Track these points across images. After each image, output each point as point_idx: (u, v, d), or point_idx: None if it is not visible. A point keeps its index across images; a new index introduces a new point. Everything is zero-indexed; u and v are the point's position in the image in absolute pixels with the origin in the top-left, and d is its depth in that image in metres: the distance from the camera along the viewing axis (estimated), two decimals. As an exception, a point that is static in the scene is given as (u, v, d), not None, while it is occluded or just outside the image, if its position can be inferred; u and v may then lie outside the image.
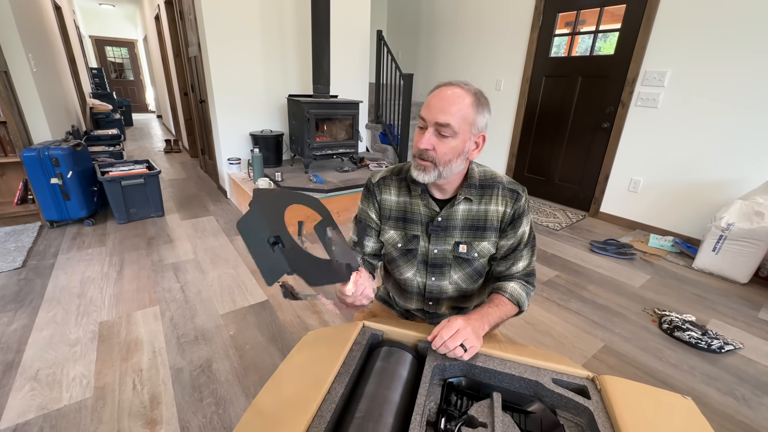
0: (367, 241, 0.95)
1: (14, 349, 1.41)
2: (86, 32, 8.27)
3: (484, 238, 0.87)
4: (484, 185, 0.86)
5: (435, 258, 0.90)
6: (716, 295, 2.01)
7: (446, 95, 0.75)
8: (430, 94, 0.78)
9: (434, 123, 0.75)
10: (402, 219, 0.91)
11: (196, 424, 1.13)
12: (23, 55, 2.43)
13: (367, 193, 0.94)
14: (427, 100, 0.78)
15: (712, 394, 1.35)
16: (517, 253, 0.88)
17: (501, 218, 0.86)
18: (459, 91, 0.75)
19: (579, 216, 3.13)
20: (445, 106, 0.74)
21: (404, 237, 0.91)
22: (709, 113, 2.41)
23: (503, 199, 0.85)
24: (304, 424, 0.58)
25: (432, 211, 0.87)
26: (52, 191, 2.38)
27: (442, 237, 0.88)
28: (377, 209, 0.93)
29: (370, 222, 0.94)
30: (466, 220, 0.87)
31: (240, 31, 2.84)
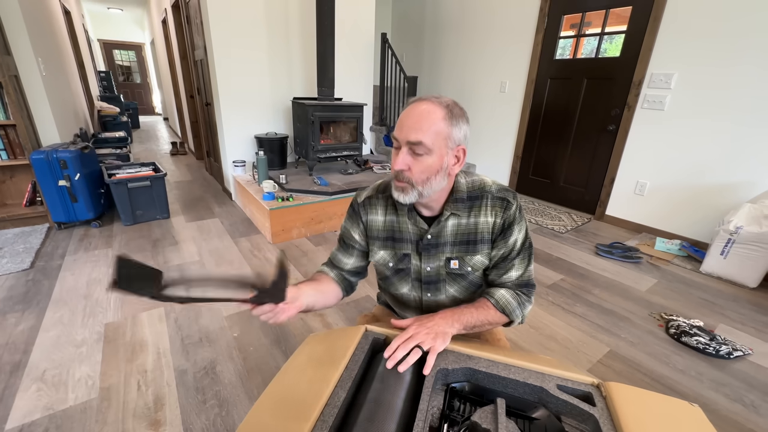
0: (344, 257, 0.93)
1: (21, 350, 1.42)
2: (95, 36, 8.38)
3: (477, 252, 0.84)
4: (472, 197, 0.82)
5: (429, 275, 0.87)
6: (724, 299, 1.98)
7: (417, 112, 0.72)
8: (402, 112, 0.76)
9: (406, 142, 0.72)
10: (391, 238, 0.88)
11: (200, 426, 1.14)
12: (33, 60, 2.47)
13: (353, 212, 0.91)
14: (399, 119, 0.75)
15: (721, 400, 1.33)
16: (508, 262, 0.84)
17: (492, 229, 0.83)
18: (429, 106, 0.72)
19: (584, 219, 3.10)
20: (416, 124, 0.71)
21: (394, 256, 0.89)
22: (717, 115, 2.38)
23: (492, 210, 0.82)
24: (307, 428, 0.58)
25: (421, 230, 0.84)
26: (60, 193, 2.41)
27: (434, 254, 0.85)
28: (362, 230, 0.90)
29: (353, 242, 0.91)
30: (456, 235, 0.84)
31: (246, 34, 2.86)
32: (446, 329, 0.75)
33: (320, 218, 2.65)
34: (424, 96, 0.75)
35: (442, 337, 0.73)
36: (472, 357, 0.74)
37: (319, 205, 2.61)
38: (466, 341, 0.80)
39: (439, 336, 0.72)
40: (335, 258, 0.95)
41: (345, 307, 1.80)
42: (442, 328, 0.75)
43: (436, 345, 0.71)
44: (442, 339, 0.72)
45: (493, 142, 3.83)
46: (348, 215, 0.92)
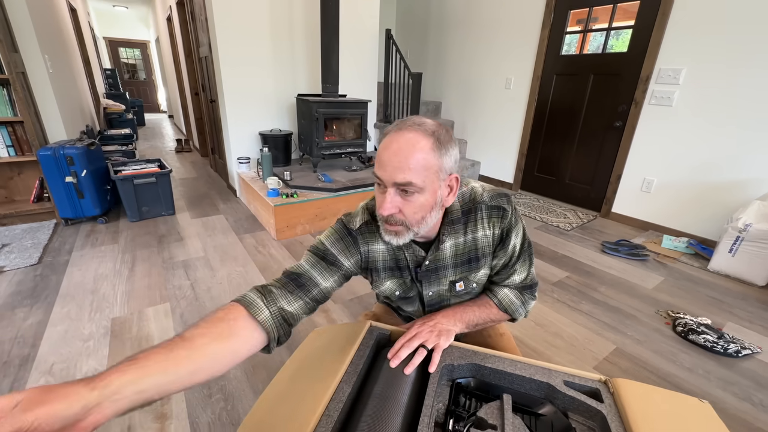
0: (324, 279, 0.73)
1: (30, 344, 1.44)
2: (100, 34, 8.43)
3: (480, 267, 0.80)
4: (466, 211, 0.76)
5: (431, 299, 0.84)
6: (733, 297, 1.96)
7: (400, 147, 0.61)
8: (382, 144, 0.65)
9: (392, 183, 0.63)
10: (396, 267, 0.81)
11: (205, 420, 1.15)
12: (40, 57, 2.48)
13: (347, 237, 0.77)
14: (378, 153, 0.64)
15: (729, 399, 1.32)
16: (510, 269, 0.81)
17: (492, 241, 0.78)
18: (413, 135, 0.62)
19: (590, 216, 3.08)
20: (402, 162, 0.61)
21: (402, 285, 0.82)
22: (726, 111, 2.35)
23: (489, 221, 0.76)
24: (313, 422, 0.58)
25: (417, 256, 0.78)
26: (67, 189, 2.43)
27: (434, 279, 0.80)
28: (358, 260, 0.78)
29: (339, 265, 0.75)
30: (457, 256, 0.78)
31: (250, 31, 2.86)
32: (449, 327, 0.74)
33: (324, 215, 2.65)
34: (405, 123, 0.64)
35: (446, 334, 0.72)
36: (477, 353, 0.74)
37: (323, 202, 2.61)
38: (471, 337, 0.79)
39: (443, 334, 0.71)
40: (305, 274, 0.72)
41: (349, 303, 1.80)
42: (445, 325, 0.74)
43: (441, 342, 0.70)
44: (446, 336, 0.71)
45: (498, 139, 3.81)
46: (338, 237, 0.76)
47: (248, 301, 0.64)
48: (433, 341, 0.69)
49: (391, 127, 0.65)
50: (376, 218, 0.75)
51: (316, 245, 0.77)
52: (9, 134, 2.40)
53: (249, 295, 0.66)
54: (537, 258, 2.27)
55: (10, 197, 2.66)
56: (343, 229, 0.77)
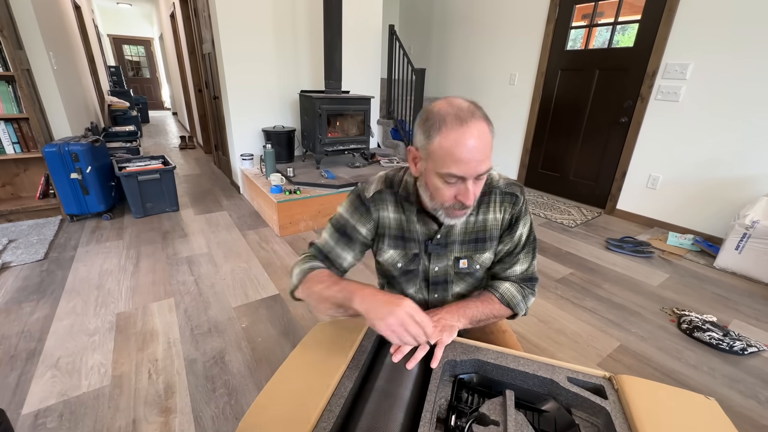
0: (345, 252, 0.82)
1: (36, 338, 1.46)
2: (104, 31, 8.45)
3: (485, 249, 0.82)
4: (481, 194, 0.78)
5: (436, 275, 0.85)
6: (739, 295, 1.94)
7: (476, 141, 0.62)
8: (446, 140, 0.63)
9: (476, 176, 0.65)
10: (401, 237, 0.83)
11: (209, 414, 1.15)
12: (45, 54, 2.49)
13: (361, 207, 0.81)
14: (450, 151, 0.62)
15: (734, 396, 1.31)
16: (513, 257, 0.83)
17: (500, 225, 0.81)
18: (481, 126, 0.63)
19: (594, 213, 3.06)
20: (481, 154, 0.63)
21: (405, 256, 0.84)
22: (734, 107, 2.32)
23: (501, 206, 0.79)
24: (314, 417, 0.58)
25: (430, 230, 0.80)
26: (72, 186, 2.45)
27: (443, 254, 0.82)
28: (373, 226, 0.82)
29: (358, 235, 0.82)
30: (466, 234, 0.81)
31: (253, 27, 2.86)
32: (452, 323, 0.74)
33: (327, 211, 2.65)
34: (463, 112, 0.63)
35: (449, 330, 0.72)
36: (480, 348, 0.74)
37: (326, 198, 2.61)
38: (472, 334, 0.79)
39: (446, 329, 0.71)
40: (332, 252, 0.82)
41: (352, 299, 1.80)
42: (448, 321, 0.74)
43: (444, 338, 0.69)
44: (449, 332, 0.71)
45: (501, 135, 3.78)
46: (353, 208, 0.82)
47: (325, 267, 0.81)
48: (435, 336, 0.69)
49: (442, 121, 0.63)
50: (389, 188, 0.81)
51: (337, 218, 0.83)
52: (15, 131, 2.42)
53: (319, 264, 0.81)
54: (540, 254, 2.26)
55: (16, 194, 2.68)
56: (357, 199, 0.82)
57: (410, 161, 0.73)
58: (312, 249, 0.84)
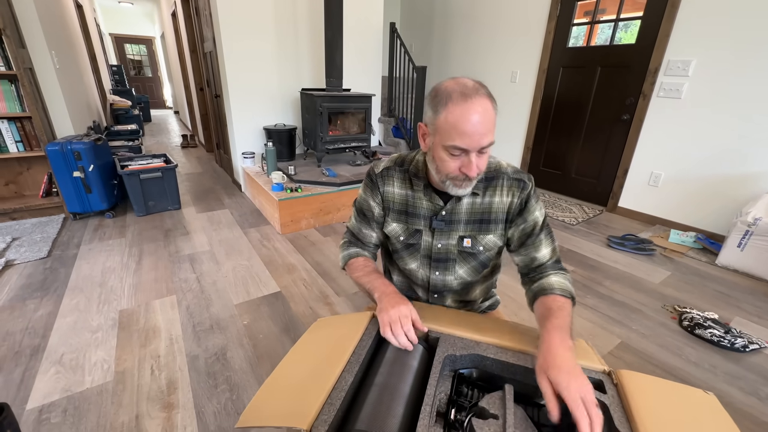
0: (368, 230, 0.94)
1: (40, 334, 1.47)
2: (106, 30, 8.47)
3: (490, 231, 0.85)
4: (489, 177, 0.83)
5: (439, 253, 0.87)
6: (741, 292, 1.93)
7: (479, 116, 0.66)
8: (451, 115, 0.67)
9: (479, 149, 0.69)
10: (404, 212, 0.88)
11: (211, 410, 1.16)
12: (47, 53, 2.50)
13: (370, 182, 0.91)
14: (454, 124, 0.67)
15: (735, 393, 1.31)
16: (535, 238, 0.83)
17: (507, 210, 0.83)
18: (483, 103, 0.67)
19: (596, 211, 3.05)
20: (485, 127, 0.67)
21: (406, 230, 0.89)
22: (737, 103, 2.30)
23: (509, 190, 0.82)
24: (315, 410, 0.59)
25: (436, 206, 0.84)
26: (75, 184, 2.46)
27: (446, 232, 0.85)
28: (380, 200, 0.90)
29: (372, 212, 0.91)
30: (471, 214, 0.84)
31: (254, 25, 2.86)
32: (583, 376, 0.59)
33: (329, 209, 2.65)
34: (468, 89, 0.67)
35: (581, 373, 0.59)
36: (480, 343, 0.74)
37: (327, 196, 2.61)
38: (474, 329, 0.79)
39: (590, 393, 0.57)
40: (360, 233, 0.94)
41: (353, 297, 1.81)
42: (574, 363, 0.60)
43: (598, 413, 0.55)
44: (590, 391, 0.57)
45: (503, 133, 3.78)
46: (365, 185, 0.92)
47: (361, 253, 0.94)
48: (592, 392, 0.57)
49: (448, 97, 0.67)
50: (399, 166, 0.88)
51: (358, 200, 0.95)
52: (18, 129, 2.43)
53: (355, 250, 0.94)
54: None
55: (19, 192, 2.70)
56: (368, 177, 0.91)
57: (420, 137, 0.78)
58: (346, 234, 0.98)
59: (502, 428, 0.56)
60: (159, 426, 1.11)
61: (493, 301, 1.06)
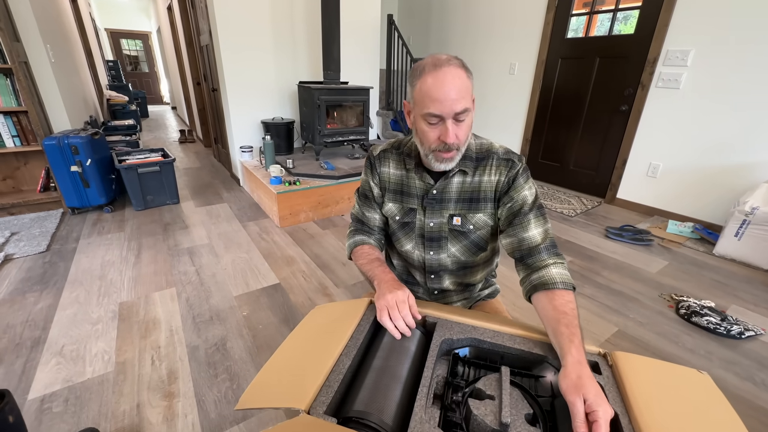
0: (370, 212, 0.97)
1: (41, 327, 1.48)
2: (102, 25, 8.39)
3: (479, 210, 0.86)
4: (479, 157, 0.85)
5: (431, 231, 0.89)
6: (737, 281, 1.94)
7: (450, 81, 0.69)
8: (424, 83, 0.71)
9: (453, 114, 0.71)
10: (399, 192, 0.92)
11: (212, 398, 1.17)
12: (42, 46, 2.48)
13: (369, 164, 0.95)
14: (427, 92, 0.71)
15: (731, 378, 1.32)
16: (522, 217, 0.80)
17: (495, 188, 0.84)
18: (454, 70, 0.70)
19: (594, 202, 3.06)
20: (457, 93, 0.70)
21: (401, 210, 0.92)
22: (735, 94, 2.30)
23: (497, 170, 0.83)
24: (313, 392, 0.59)
25: (427, 185, 0.87)
26: (73, 179, 2.46)
27: (438, 210, 0.88)
28: (377, 181, 0.94)
29: (373, 193, 0.95)
30: (461, 193, 0.86)
31: (250, 17, 2.83)
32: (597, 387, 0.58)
33: (327, 202, 2.65)
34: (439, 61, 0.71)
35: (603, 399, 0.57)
36: (476, 328, 0.75)
37: (326, 189, 2.61)
38: (471, 314, 0.80)
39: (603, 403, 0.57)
40: (364, 217, 0.97)
41: (352, 288, 1.81)
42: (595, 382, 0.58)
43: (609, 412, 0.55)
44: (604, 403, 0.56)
45: (501, 125, 3.77)
46: (365, 167, 0.97)
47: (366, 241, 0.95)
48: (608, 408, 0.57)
49: (422, 69, 0.72)
50: (395, 149, 0.92)
51: (361, 184, 0.98)
52: (14, 124, 2.42)
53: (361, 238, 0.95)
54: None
55: (17, 187, 2.69)
56: (367, 159, 0.96)
57: (406, 116, 0.82)
58: (352, 223, 1.00)
59: (498, 408, 0.57)
60: (160, 414, 1.12)
61: (492, 290, 1.06)
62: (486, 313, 0.92)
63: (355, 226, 0.99)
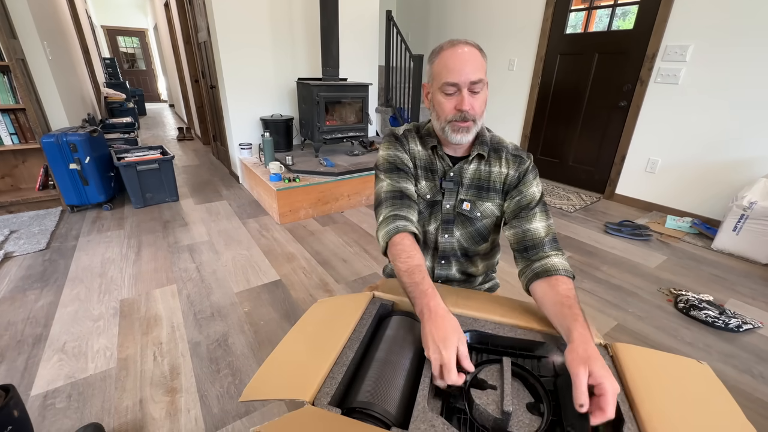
0: (407, 183, 0.86)
1: (42, 324, 1.48)
2: (98, 22, 8.33)
3: (488, 199, 0.88)
4: (493, 149, 0.88)
5: (447, 213, 0.91)
6: (736, 275, 1.96)
7: (464, 54, 0.77)
8: (442, 58, 0.79)
9: (468, 83, 0.77)
10: (430, 170, 0.91)
11: (214, 393, 1.18)
12: (39, 43, 2.47)
13: (396, 141, 0.90)
14: (445, 64, 0.78)
15: (729, 371, 1.33)
16: (529, 211, 0.83)
17: (504, 180, 0.87)
18: (469, 47, 0.78)
19: (593, 198, 3.06)
20: (472, 63, 0.76)
21: (434, 188, 0.90)
22: (733, 89, 2.30)
23: (507, 163, 0.87)
24: (317, 383, 0.60)
25: (446, 166, 0.89)
26: (72, 176, 2.45)
27: (453, 192, 0.90)
28: (410, 157, 0.90)
29: (408, 168, 0.87)
30: (473, 179, 0.89)
31: (249, 13, 2.82)
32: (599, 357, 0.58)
33: (327, 199, 2.65)
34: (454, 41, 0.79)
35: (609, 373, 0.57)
36: (478, 320, 0.75)
37: (325, 186, 2.61)
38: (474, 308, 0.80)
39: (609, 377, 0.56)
40: (403, 188, 0.85)
41: (353, 284, 1.82)
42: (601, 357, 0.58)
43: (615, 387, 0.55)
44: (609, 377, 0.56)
45: (500, 121, 3.77)
46: (392, 145, 0.89)
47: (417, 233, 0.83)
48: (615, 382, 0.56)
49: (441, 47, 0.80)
50: (419, 131, 0.93)
51: (386, 159, 0.89)
52: (12, 122, 2.41)
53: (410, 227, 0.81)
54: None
55: (15, 185, 2.69)
56: (392, 137, 0.92)
57: (424, 97, 0.87)
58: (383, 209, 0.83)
59: (500, 398, 0.58)
60: (163, 409, 1.12)
61: (492, 284, 1.07)
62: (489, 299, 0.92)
63: (390, 207, 0.82)
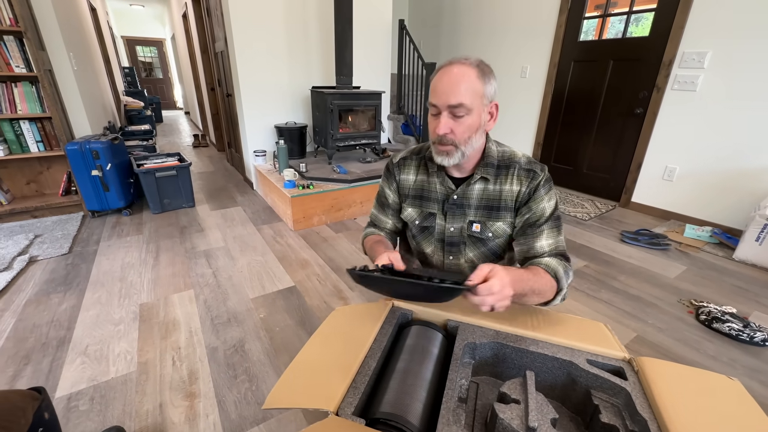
0: (383, 216, 1.03)
1: (65, 326, 1.52)
2: (118, 32, 8.61)
3: (499, 218, 0.87)
4: (501, 165, 0.86)
5: (452, 236, 0.91)
6: (759, 287, 1.90)
7: (451, 76, 0.74)
8: (435, 76, 0.78)
9: (446, 106, 0.75)
10: (419, 197, 0.94)
11: (232, 399, 1.19)
12: (65, 55, 2.57)
13: (387, 173, 0.99)
14: (433, 85, 0.77)
15: (755, 386, 1.29)
16: (536, 228, 0.82)
17: (516, 198, 0.85)
18: (461, 68, 0.74)
19: (609, 206, 3.02)
20: (453, 87, 0.74)
21: (421, 214, 0.94)
22: (754, 95, 2.26)
23: (518, 179, 0.84)
24: (340, 393, 0.60)
25: (448, 189, 0.88)
26: (93, 183, 2.52)
27: (459, 215, 0.89)
28: (395, 188, 0.98)
29: (387, 200, 1.00)
30: (481, 200, 0.87)
31: (265, 24, 2.89)
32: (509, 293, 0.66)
33: (340, 206, 2.67)
34: (453, 59, 0.76)
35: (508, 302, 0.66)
36: (499, 332, 0.75)
37: (339, 193, 2.63)
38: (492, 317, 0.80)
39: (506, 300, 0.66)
40: (376, 219, 1.05)
41: (366, 292, 1.82)
42: (509, 291, 0.66)
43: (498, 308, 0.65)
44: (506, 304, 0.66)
45: (513, 129, 3.75)
46: (384, 176, 1.01)
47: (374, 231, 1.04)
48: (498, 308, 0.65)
49: (442, 64, 0.78)
50: (416, 155, 0.94)
51: (378, 190, 1.04)
52: (38, 130, 2.50)
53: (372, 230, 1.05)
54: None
55: (40, 191, 2.78)
56: (386, 167, 1.00)
57: None
58: (369, 222, 1.09)
59: (524, 412, 0.57)
60: (182, 414, 1.14)
61: None
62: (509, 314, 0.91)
63: (368, 227, 1.08)
